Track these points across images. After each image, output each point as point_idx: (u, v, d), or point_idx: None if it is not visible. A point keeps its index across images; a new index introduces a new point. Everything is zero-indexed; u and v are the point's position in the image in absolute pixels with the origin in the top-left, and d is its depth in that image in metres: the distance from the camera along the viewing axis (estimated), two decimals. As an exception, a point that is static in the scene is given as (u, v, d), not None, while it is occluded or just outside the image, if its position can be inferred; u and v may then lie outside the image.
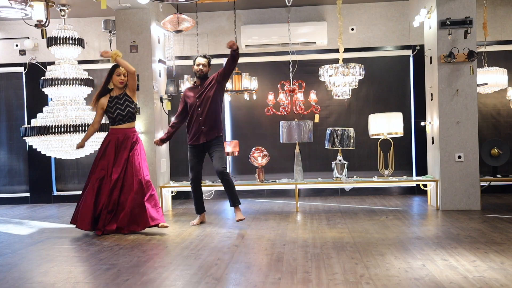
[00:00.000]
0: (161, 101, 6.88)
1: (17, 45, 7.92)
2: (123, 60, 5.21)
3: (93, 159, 8.06)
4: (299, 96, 6.58)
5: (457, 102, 6.06)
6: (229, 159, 7.60)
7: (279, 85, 6.77)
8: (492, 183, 6.99)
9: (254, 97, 7.21)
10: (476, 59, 5.99)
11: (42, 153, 6.23)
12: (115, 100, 5.26)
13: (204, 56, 5.60)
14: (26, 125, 6.09)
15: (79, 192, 8.04)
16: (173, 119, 5.76)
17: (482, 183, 6.35)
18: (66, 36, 6.11)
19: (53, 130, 5.84)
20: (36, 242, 4.99)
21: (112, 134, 5.27)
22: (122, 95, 5.29)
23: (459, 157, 6.04)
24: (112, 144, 5.23)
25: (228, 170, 5.52)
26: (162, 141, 5.69)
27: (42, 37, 6.07)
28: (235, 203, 5.39)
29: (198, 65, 5.50)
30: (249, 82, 6.67)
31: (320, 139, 7.40)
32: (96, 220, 5.12)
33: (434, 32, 6.18)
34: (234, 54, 5.30)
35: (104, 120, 6.30)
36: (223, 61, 7.77)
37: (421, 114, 7.30)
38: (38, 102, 7.69)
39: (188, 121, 5.59)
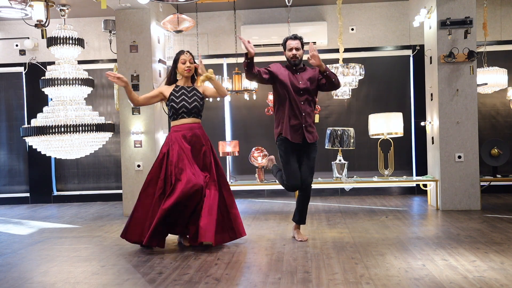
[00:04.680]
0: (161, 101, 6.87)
1: (17, 45, 7.92)
2: (216, 81, 4.56)
3: (93, 159, 7.98)
4: (299, 96, 6.57)
5: (457, 102, 6.06)
6: (229, 159, 7.61)
7: (279, 85, 6.75)
8: (492, 183, 6.98)
9: (254, 97, 7.21)
10: (476, 59, 5.99)
11: (42, 153, 6.23)
12: (182, 90, 4.55)
13: (295, 37, 4.57)
14: (26, 125, 6.09)
15: (79, 192, 8.10)
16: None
17: (482, 183, 6.35)
18: (66, 36, 6.11)
19: (53, 130, 5.84)
20: (36, 242, 4.99)
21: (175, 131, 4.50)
22: (190, 88, 4.59)
23: (459, 157, 6.04)
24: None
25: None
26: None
27: (42, 37, 6.07)
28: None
29: (291, 49, 4.54)
30: (249, 82, 6.66)
31: (320, 139, 7.37)
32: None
33: (434, 32, 6.18)
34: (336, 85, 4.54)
35: (105, 120, 6.31)
36: (223, 61, 7.83)
37: (421, 114, 7.30)
38: (38, 102, 7.69)
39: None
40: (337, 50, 6.70)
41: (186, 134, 4.45)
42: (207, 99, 4.80)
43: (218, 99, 7.01)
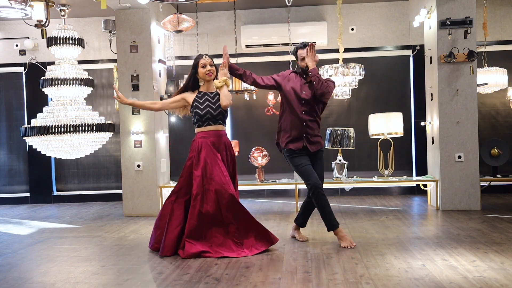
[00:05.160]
0: (161, 101, 6.87)
1: (17, 45, 7.92)
2: (226, 90, 4.37)
3: (93, 159, 7.95)
4: (299, 96, 6.57)
5: (457, 102, 6.06)
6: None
7: (279, 85, 6.76)
8: (492, 183, 6.98)
9: (254, 97, 7.21)
10: (476, 59, 5.99)
11: (42, 153, 6.23)
12: (205, 96, 4.37)
13: (305, 46, 4.46)
14: (26, 125, 6.09)
15: (79, 192, 8.10)
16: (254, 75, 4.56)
17: (482, 183, 6.35)
18: (66, 36, 6.11)
19: (53, 130, 5.84)
20: (36, 242, 4.99)
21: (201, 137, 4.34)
22: (214, 93, 4.39)
23: (459, 157, 6.04)
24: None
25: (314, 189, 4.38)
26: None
27: (42, 37, 6.07)
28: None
29: (303, 59, 4.45)
30: (249, 82, 6.66)
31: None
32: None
33: (434, 32, 6.18)
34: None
35: (105, 120, 6.30)
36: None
37: (421, 114, 7.30)
38: (38, 102, 7.69)
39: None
40: (337, 50, 6.70)
41: (215, 141, 4.29)
42: None
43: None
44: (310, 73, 4.35)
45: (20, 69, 8.01)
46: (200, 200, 4.14)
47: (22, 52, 7.92)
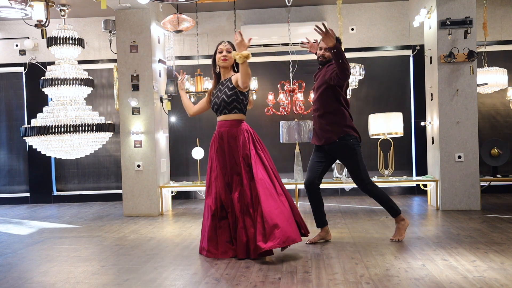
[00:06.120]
0: (161, 101, 6.88)
1: (17, 45, 7.92)
2: (244, 66, 3.90)
3: (93, 159, 7.95)
4: (299, 96, 6.58)
5: (457, 102, 6.06)
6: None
7: (279, 85, 6.77)
8: (492, 183, 6.98)
9: (254, 97, 7.20)
10: (476, 59, 5.99)
11: (42, 153, 6.24)
12: (219, 86, 4.22)
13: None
14: (26, 125, 6.09)
15: (79, 192, 8.10)
16: None
17: (482, 183, 6.35)
18: (66, 36, 6.11)
19: (53, 130, 5.84)
20: (36, 242, 4.99)
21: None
22: (226, 80, 4.17)
23: (459, 157, 6.04)
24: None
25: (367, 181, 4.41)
26: None
27: (42, 37, 6.07)
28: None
29: (320, 49, 4.52)
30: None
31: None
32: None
33: (434, 32, 6.19)
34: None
35: (105, 120, 6.31)
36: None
37: (421, 114, 7.30)
38: (38, 102, 7.69)
39: None
40: (337, 50, 6.69)
41: (218, 133, 4.17)
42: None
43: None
44: (334, 50, 4.07)
45: (20, 69, 8.01)
46: (207, 191, 4.19)
47: (22, 52, 7.92)
